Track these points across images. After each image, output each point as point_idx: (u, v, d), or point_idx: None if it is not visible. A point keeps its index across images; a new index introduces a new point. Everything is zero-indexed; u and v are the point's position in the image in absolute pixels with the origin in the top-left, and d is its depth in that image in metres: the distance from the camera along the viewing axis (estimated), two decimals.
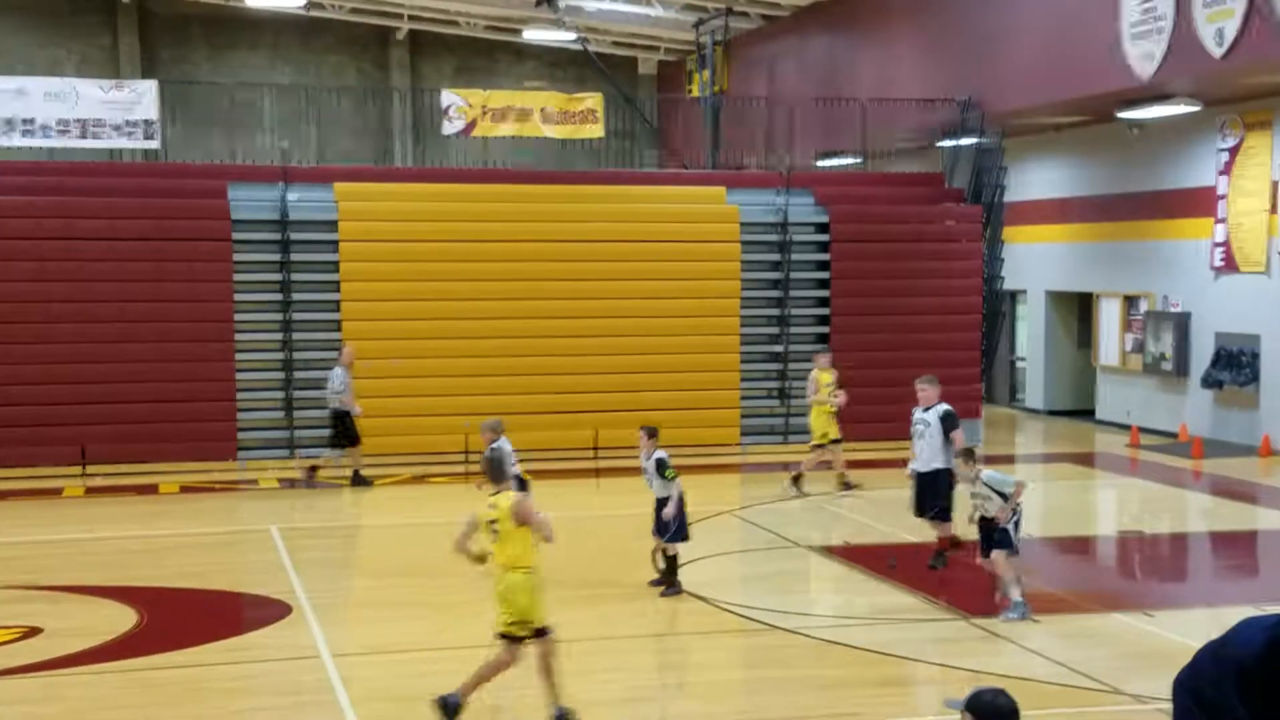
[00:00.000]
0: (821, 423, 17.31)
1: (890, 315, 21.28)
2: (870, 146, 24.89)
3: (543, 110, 22.11)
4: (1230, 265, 21.12)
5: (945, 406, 13.10)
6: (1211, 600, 12.29)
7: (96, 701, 9.25)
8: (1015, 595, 11.12)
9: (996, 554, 11.17)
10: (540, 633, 8.59)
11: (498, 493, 8.88)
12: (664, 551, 12.12)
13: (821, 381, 17.37)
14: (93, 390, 19.23)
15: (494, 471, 9.10)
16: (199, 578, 12.96)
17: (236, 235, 19.92)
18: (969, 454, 11.71)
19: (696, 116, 29.02)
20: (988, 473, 11.45)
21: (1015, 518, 11.22)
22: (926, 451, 12.97)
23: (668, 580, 11.98)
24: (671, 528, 11.92)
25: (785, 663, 10.25)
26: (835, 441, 17.25)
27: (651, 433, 12.27)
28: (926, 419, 13.04)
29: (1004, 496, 11.18)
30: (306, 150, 27.24)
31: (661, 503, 12.06)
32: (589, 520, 16.04)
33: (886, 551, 13.97)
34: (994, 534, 11.20)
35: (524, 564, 8.59)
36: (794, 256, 21.61)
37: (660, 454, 12.05)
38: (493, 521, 8.70)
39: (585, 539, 14.76)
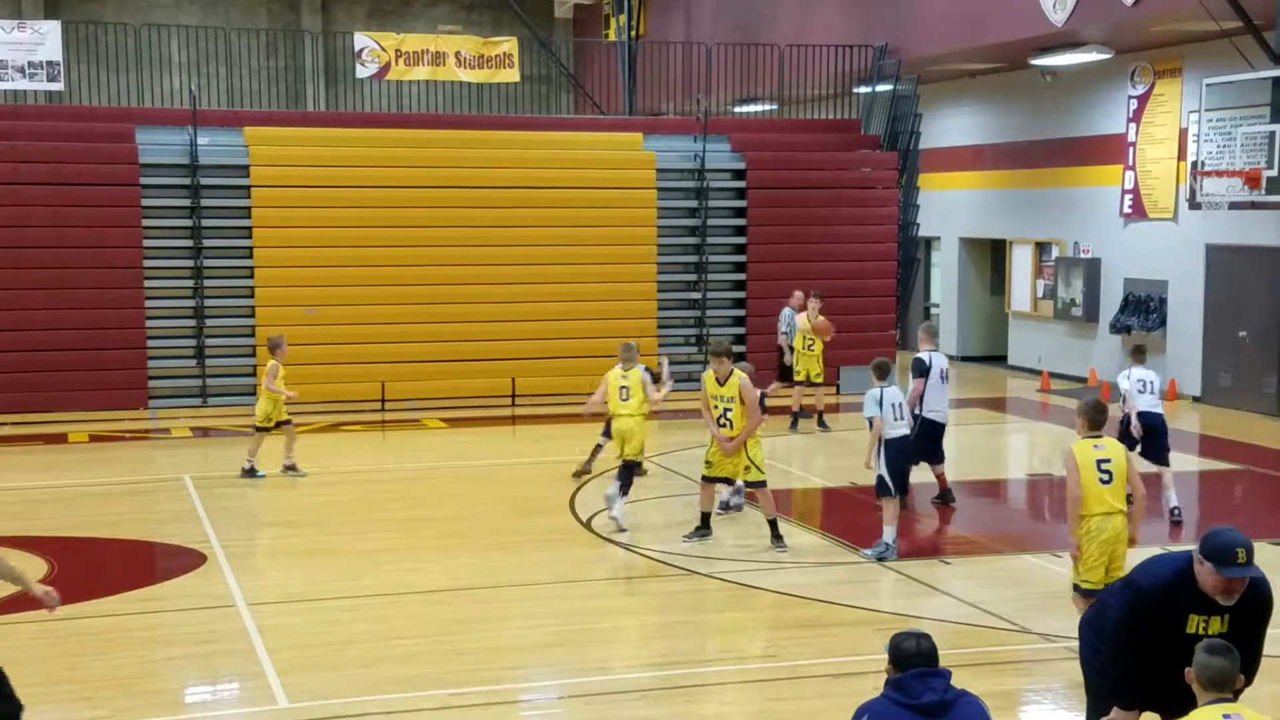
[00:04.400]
0: (806, 362, 17.68)
1: (807, 262, 21.37)
2: (787, 93, 24.91)
3: (458, 54, 21.82)
4: (1139, 212, 21.48)
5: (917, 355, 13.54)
6: None
7: (10, 653, 9.05)
8: (887, 536, 11.37)
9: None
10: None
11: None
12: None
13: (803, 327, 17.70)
14: None
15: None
16: (111, 527, 12.78)
17: (144, 180, 19.52)
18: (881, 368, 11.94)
19: (613, 61, 28.84)
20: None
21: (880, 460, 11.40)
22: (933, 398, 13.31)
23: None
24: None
25: (703, 607, 10.33)
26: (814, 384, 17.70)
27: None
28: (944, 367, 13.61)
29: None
30: (216, 93, 26.70)
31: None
32: (506, 468, 16.04)
33: (803, 496, 14.12)
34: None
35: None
36: (711, 203, 21.62)
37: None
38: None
39: (503, 486, 14.76)
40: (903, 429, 11.62)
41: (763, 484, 11.74)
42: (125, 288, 19.32)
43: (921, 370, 13.29)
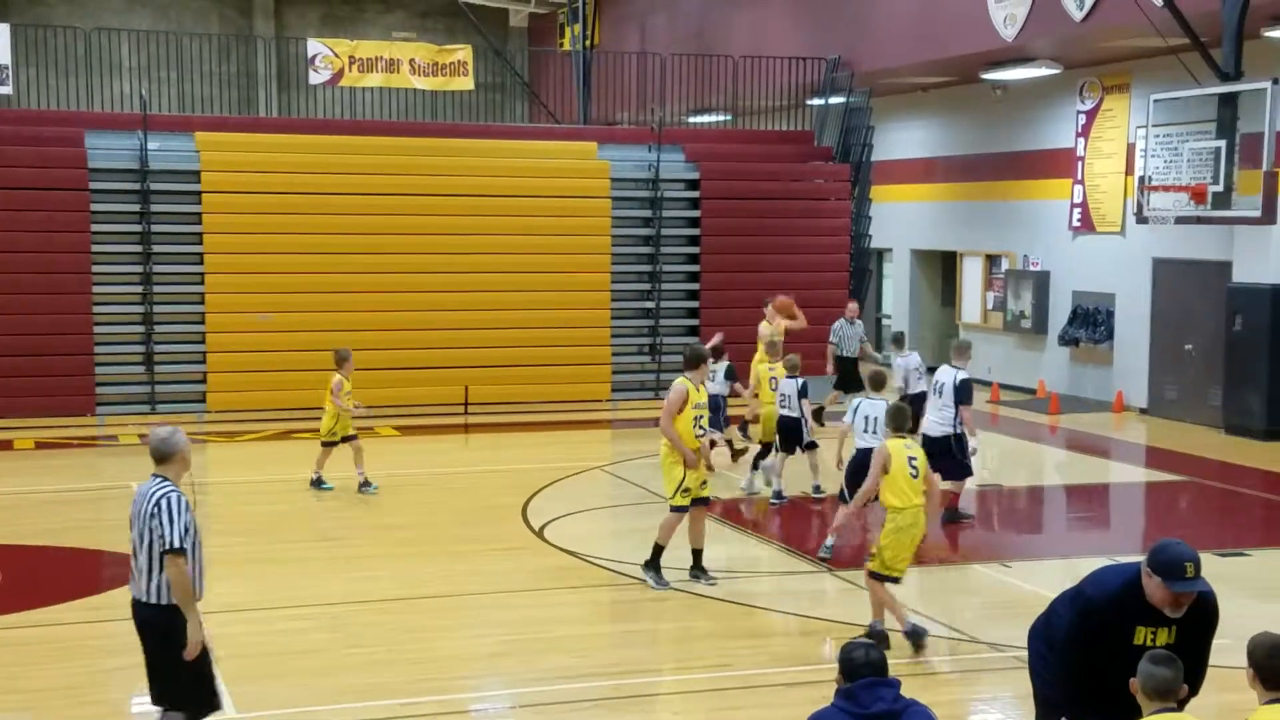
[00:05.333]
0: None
1: (759, 272, 21.46)
2: (741, 104, 25.02)
3: (412, 61, 21.77)
4: (1087, 225, 21.73)
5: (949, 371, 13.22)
6: (1066, 552, 12.69)
7: None
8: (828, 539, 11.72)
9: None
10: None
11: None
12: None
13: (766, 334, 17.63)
14: None
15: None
16: (58, 535, 12.65)
17: (94, 185, 19.33)
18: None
19: (568, 71, 28.87)
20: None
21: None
22: (937, 414, 13.05)
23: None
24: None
25: (655, 616, 10.35)
26: None
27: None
28: (942, 382, 13.06)
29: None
30: (167, 98, 26.49)
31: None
32: (459, 476, 16.00)
33: (755, 505, 14.16)
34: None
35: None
36: (665, 213, 21.68)
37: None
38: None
39: (456, 495, 14.72)
40: (872, 441, 11.23)
41: (684, 509, 10.89)
42: (73, 293, 19.12)
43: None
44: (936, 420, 13.07)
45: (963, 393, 12.90)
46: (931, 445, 12.37)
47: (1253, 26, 16.29)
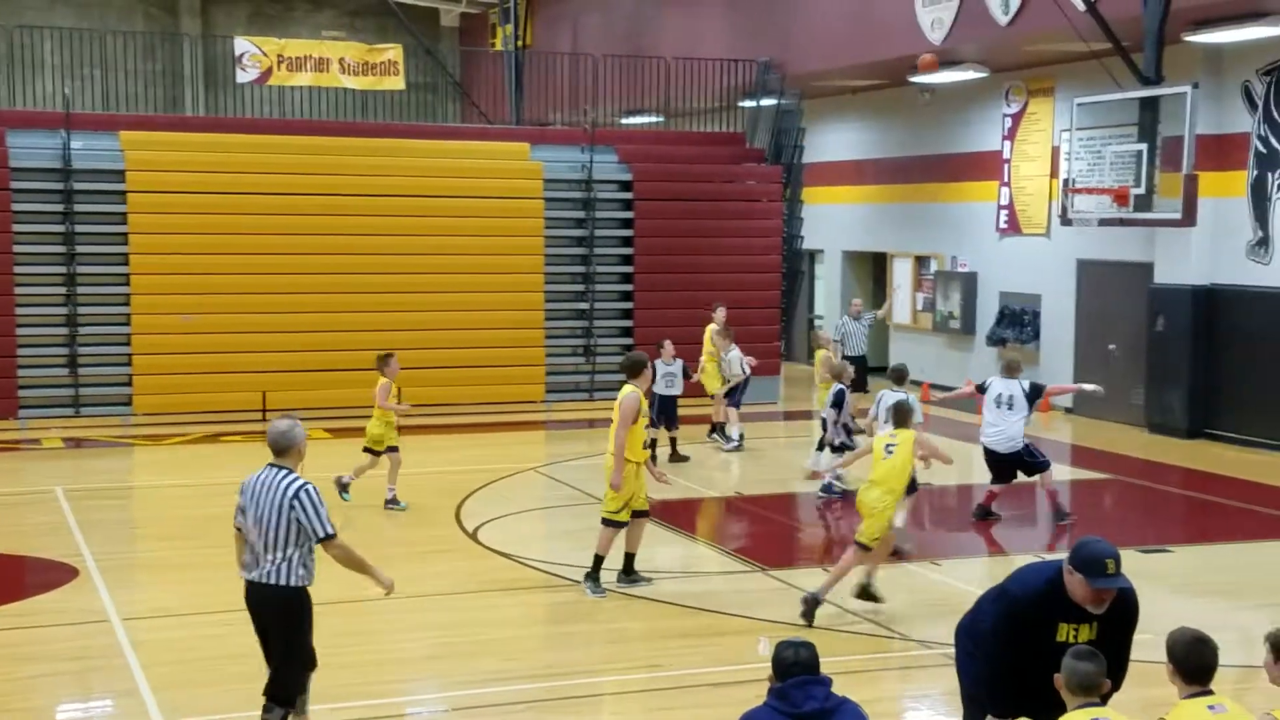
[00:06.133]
0: (709, 377, 17.71)
1: (693, 273, 21.55)
2: (673, 105, 25.09)
3: (342, 61, 21.60)
4: (1014, 227, 22.01)
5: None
6: (994, 550, 12.85)
7: None
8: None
9: None
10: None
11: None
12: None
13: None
14: None
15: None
16: None
17: (15, 184, 19.02)
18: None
19: (500, 71, 28.79)
20: None
21: None
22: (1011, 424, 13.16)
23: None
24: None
25: (589, 617, 10.35)
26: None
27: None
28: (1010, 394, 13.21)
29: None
30: (91, 97, 26.09)
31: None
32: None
33: (688, 506, 14.20)
34: None
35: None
36: (598, 214, 21.68)
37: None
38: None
39: (382, 499, 14.60)
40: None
41: (622, 524, 10.71)
42: None
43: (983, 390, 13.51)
44: (1009, 434, 13.19)
45: (1036, 393, 13.26)
46: (1003, 461, 13.10)
47: (1173, 31, 16.59)
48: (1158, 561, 11.89)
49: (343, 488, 13.69)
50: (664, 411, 16.07)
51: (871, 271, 26.47)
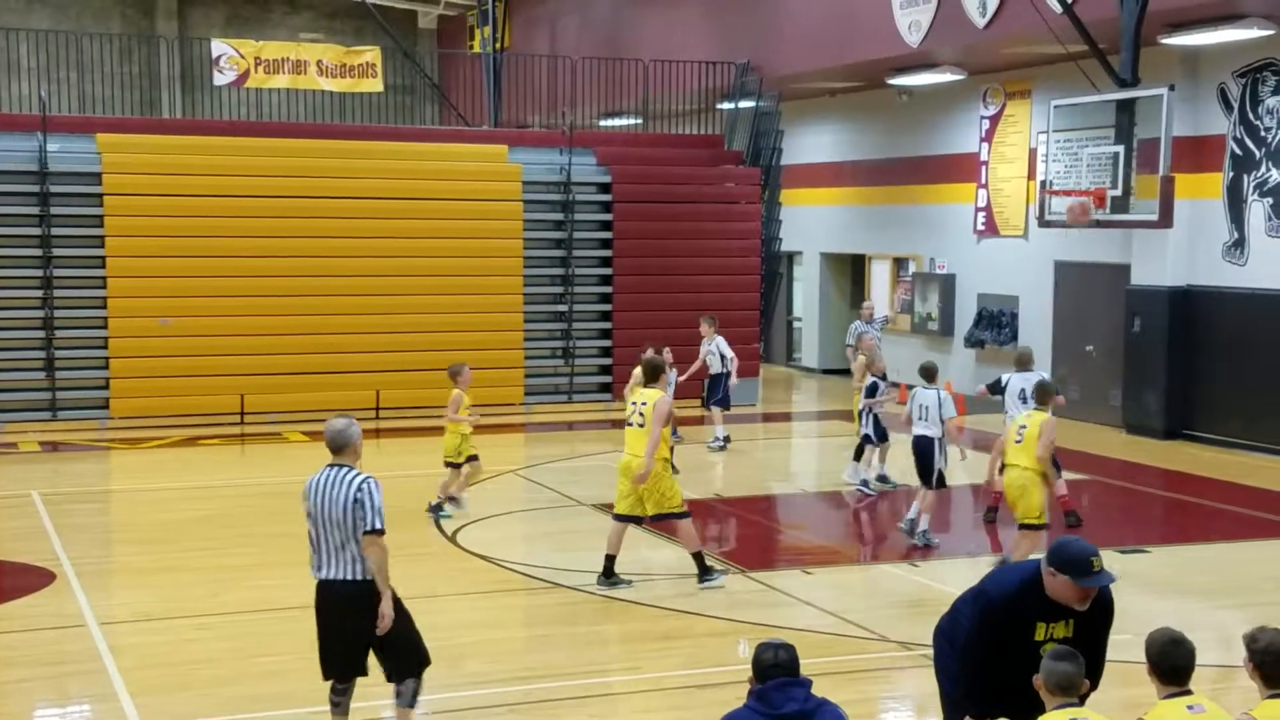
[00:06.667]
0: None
1: (672, 275, 21.57)
2: (652, 107, 25.10)
3: (319, 63, 21.55)
4: (991, 229, 22.09)
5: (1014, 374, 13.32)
6: (973, 551, 12.89)
7: None
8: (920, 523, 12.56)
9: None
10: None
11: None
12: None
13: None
14: None
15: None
16: None
17: None
18: None
19: (478, 73, 28.74)
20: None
21: None
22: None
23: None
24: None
25: (569, 620, 10.34)
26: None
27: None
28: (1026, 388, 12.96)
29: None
30: (67, 99, 25.96)
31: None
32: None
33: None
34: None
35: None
36: (577, 216, 21.67)
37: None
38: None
39: None
40: (924, 429, 12.54)
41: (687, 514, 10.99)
42: None
43: (996, 390, 13.48)
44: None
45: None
46: None
47: (1150, 34, 16.67)
48: (1135, 562, 11.93)
49: (437, 509, 13.36)
50: None
51: (850, 273, 26.53)
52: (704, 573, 10.94)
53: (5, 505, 14.24)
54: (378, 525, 7.22)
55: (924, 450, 12.60)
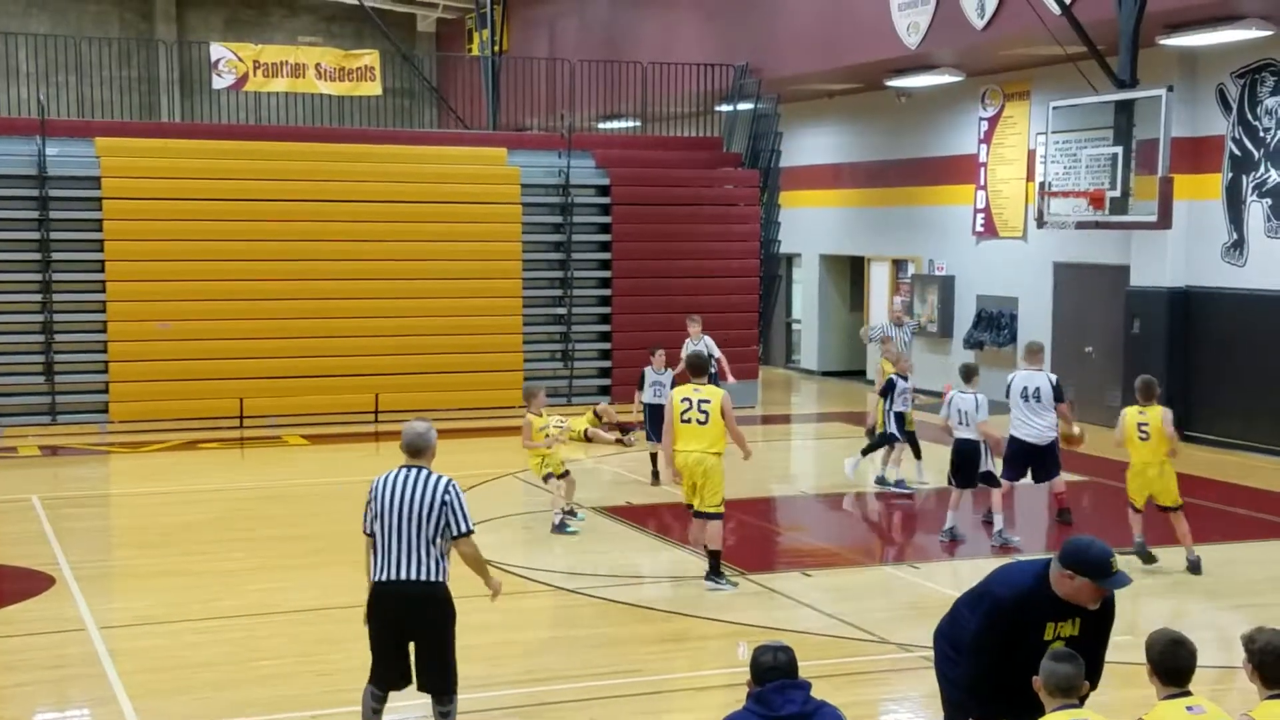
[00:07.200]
0: None
1: (671, 278, 21.56)
2: (650, 110, 25.11)
3: (318, 66, 21.56)
4: (990, 230, 22.09)
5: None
6: (972, 553, 12.88)
7: None
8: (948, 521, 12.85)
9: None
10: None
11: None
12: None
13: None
14: None
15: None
16: None
17: None
18: None
19: (477, 76, 28.75)
20: None
21: None
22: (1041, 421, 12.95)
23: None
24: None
25: (568, 623, 10.34)
26: None
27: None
28: (1036, 387, 12.99)
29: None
30: (66, 103, 25.97)
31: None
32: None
33: (667, 511, 14.20)
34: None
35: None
36: (575, 219, 21.67)
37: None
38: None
39: (363, 504, 14.54)
40: (964, 433, 12.63)
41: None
42: None
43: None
44: (1041, 425, 13.03)
45: (1060, 392, 13.15)
46: (1031, 454, 13.00)
47: (1148, 35, 16.68)
48: (1136, 563, 11.92)
49: (561, 528, 13.11)
50: (653, 422, 16.05)
51: (849, 275, 26.53)
52: (716, 573, 10.94)
53: (5, 509, 14.23)
54: (471, 527, 7.40)
55: (969, 454, 12.62)
